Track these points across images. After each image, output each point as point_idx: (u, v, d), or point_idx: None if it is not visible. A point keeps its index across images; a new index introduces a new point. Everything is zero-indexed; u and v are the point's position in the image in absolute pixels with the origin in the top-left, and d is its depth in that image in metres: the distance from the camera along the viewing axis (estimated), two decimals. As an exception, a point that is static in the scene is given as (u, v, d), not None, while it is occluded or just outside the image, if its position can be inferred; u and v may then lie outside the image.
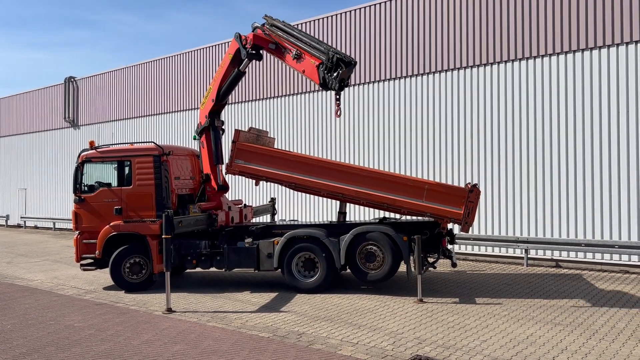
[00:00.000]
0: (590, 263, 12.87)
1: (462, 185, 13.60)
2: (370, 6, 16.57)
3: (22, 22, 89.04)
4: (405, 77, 15.89)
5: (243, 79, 12.72)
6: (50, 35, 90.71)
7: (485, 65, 14.44)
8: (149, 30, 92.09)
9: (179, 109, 22.24)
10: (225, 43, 20.44)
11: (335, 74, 9.79)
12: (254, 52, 11.57)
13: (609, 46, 12.65)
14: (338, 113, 10.21)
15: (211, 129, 12.24)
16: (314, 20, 17.79)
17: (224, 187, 12.44)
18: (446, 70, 15.12)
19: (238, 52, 11.72)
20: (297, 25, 18.03)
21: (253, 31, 11.58)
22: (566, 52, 13.20)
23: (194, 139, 12.24)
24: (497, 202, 14.17)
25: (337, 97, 10.17)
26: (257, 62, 12.55)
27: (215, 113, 12.28)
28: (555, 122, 13.34)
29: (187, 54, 22.01)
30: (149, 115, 23.54)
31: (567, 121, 13.17)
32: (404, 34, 15.86)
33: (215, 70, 20.77)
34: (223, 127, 12.64)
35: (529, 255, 13.46)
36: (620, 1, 12.46)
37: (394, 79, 16.09)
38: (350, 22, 16.97)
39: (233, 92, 19.30)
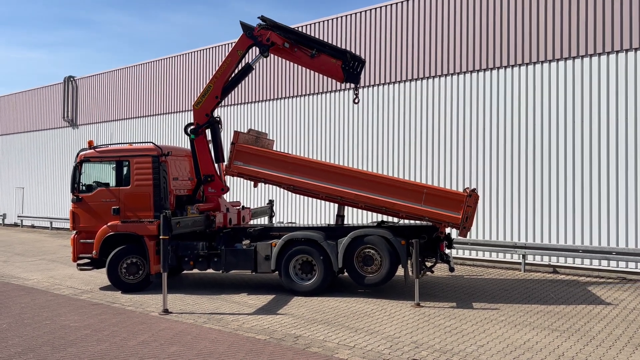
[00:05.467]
0: (587, 269, 12.87)
1: (461, 190, 13.60)
2: (370, 10, 16.59)
3: (20, 21, 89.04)
4: (404, 81, 15.91)
5: (243, 80, 12.86)
6: (47, 35, 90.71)
7: (482, 70, 14.46)
8: (145, 31, 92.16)
9: (177, 110, 22.22)
10: (226, 45, 20.41)
11: (355, 71, 11.83)
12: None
13: (608, 53, 12.68)
14: (356, 100, 12.27)
15: (212, 127, 12.21)
16: (314, 23, 17.80)
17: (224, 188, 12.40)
18: (445, 75, 15.14)
19: (248, 49, 12.07)
20: (298, 28, 18.06)
21: (255, 31, 11.84)
22: (566, 59, 13.23)
23: (192, 138, 12.06)
24: (495, 208, 14.17)
25: (357, 88, 12.29)
26: (261, 62, 13.10)
27: (212, 111, 12.27)
28: (554, 128, 13.36)
29: (186, 55, 22.01)
30: (148, 115, 23.52)
31: (566, 127, 13.19)
32: (407, 38, 15.87)
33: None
34: (221, 124, 12.62)
35: (526, 261, 13.46)
36: (611, 9, 12.52)
37: (393, 82, 16.11)
38: (351, 25, 16.99)
39: (233, 94, 19.39)
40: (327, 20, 17.56)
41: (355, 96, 12.25)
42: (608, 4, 12.64)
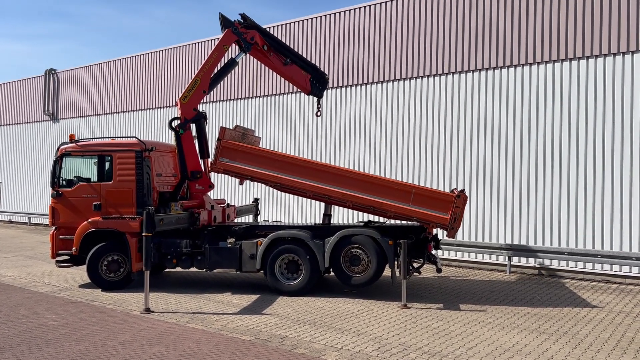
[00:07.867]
0: (572, 272, 12.91)
1: (448, 190, 13.56)
2: (359, 8, 16.48)
3: (1, 13, 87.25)
4: (392, 81, 15.82)
5: (228, 77, 12.94)
6: (29, 27, 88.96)
7: (470, 71, 14.43)
8: (129, 25, 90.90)
9: (160, 106, 21.88)
10: (210, 40, 20.14)
11: (321, 86, 12.75)
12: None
13: (605, 55, 12.74)
14: (319, 114, 13.12)
15: (198, 122, 12.03)
16: (295, 22, 17.65)
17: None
18: (434, 75, 15.07)
19: (231, 44, 12.24)
20: (272, 27, 17.89)
21: (238, 27, 12.06)
22: (554, 61, 13.25)
23: (180, 133, 11.81)
24: (481, 209, 14.16)
25: (319, 101, 13.11)
26: (245, 59, 13.45)
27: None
28: (541, 131, 13.37)
29: (169, 50, 21.66)
30: (131, 110, 23.12)
31: (554, 129, 13.21)
32: (397, 36, 15.80)
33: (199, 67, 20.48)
34: (206, 119, 12.47)
35: (512, 263, 13.46)
36: (609, 12, 12.58)
37: (382, 82, 16.01)
38: (332, 24, 16.87)
39: (220, 90, 19.17)
40: (306, 19, 17.40)
41: (317, 109, 13.04)
42: (605, 8, 12.69)
